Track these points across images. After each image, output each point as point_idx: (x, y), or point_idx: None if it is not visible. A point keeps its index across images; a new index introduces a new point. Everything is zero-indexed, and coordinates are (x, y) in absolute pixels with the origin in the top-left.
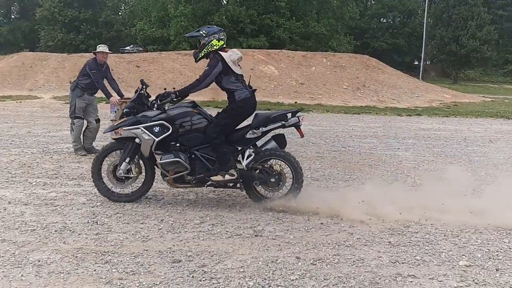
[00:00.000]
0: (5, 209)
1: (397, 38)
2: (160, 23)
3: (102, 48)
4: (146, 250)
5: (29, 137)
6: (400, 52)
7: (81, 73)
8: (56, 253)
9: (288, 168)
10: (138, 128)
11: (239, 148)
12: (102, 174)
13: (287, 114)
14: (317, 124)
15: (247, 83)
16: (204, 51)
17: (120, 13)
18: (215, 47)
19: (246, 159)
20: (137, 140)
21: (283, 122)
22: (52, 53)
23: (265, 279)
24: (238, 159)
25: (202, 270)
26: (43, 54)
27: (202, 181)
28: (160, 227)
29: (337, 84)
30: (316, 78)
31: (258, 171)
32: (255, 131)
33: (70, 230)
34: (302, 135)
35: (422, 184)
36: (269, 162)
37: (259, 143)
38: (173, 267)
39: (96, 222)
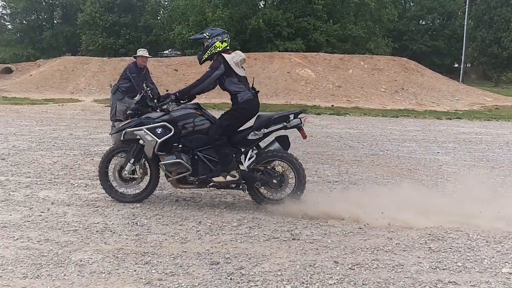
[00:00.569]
0: (49, 210)
1: (437, 40)
2: (198, 27)
3: (141, 52)
4: (185, 251)
5: (71, 139)
6: (440, 55)
7: (122, 77)
8: (98, 253)
9: (291, 170)
10: (141, 129)
11: (243, 150)
12: (109, 175)
13: (290, 116)
14: (354, 127)
15: (250, 85)
16: (208, 53)
17: (159, 18)
18: (218, 49)
19: (248, 160)
20: (141, 142)
21: (285, 124)
22: (93, 57)
23: (303, 283)
24: (240, 160)
25: (240, 273)
26: (84, 58)
27: (205, 182)
28: (198, 229)
29: (375, 87)
30: (353, 81)
31: (260, 172)
32: (256, 132)
33: (111, 231)
34: (304, 137)
35: (462, 189)
36: (271, 164)
37: (262, 144)
38: (211, 269)
39: (136, 223)
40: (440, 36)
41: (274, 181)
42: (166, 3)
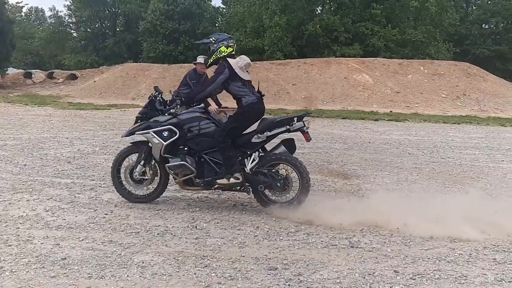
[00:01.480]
0: (112, 212)
1: (500, 44)
2: (255, 34)
3: (200, 59)
4: (243, 256)
5: None
6: (504, 59)
7: (182, 83)
8: (159, 255)
9: (295, 173)
10: (149, 132)
11: (248, 152)
12: (121, 176)
13: (293, 119)
14: (414, 134)
15: (256, 89)
16: (213, 58)
17: (217, 25)
18: (223, 54)
19: (251, 163)
20: (150, 144)
21: (288, 127)
22: (154, 64)
23: None
24: (244, 162)
25: (298, 279)
26: (145, 64)
27: (210, 184)
28: (256, 234)
29: (435, 92)
30: (413, 87)
31: (263, 175)
32: (260, 135)
33: (171, 234)
34: (307, 140)
35: None
36: (276, 167)
37: (269, 147)
38: (269, 274)
39: (196, 227)
40: (504, 40)
41: (278, 184)
42: (224, 10)
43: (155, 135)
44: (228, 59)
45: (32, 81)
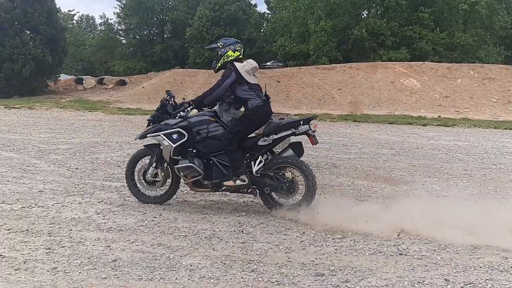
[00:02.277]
0: (160, 215)
1: None
2: (300, 39)
3: None
4: (290, 261)
5: None
6: None
7: None
8: (206, 259)
9: (301, 176)
10: (159, 135)
11: (256, 155)
12: (135, 178)
13: (300, 122)
14: (463, 139)
15: (263, 92)
16: (221, 62)
17: (262, 30)
18: (230, 58)
19: (257, 165)
20: (161, 146)
21: (294, 130)
22: (200, 69)
23: None
24: (251, 165)
25: (346, 286)
26: (192, 70)
27: (218, 185)
28: (302, 240)
29: (486, 97)
30: (462, 91)
31: (269, 178)
32: (266, 138)
33: (218, 238)
34: (313, 143)
35: None
36: (282, 170)
37: (276, 150)
38: (316, 280)
39: (242, 231)
40: None
41: (283, 186)
42: (269, 15)
43: (165, 137)
44: (235, 63)
45: (83, 87)
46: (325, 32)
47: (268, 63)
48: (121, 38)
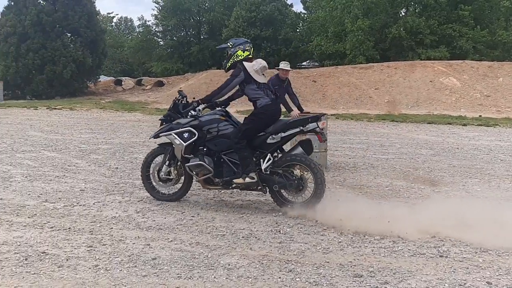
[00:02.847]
0: (198, 214)
1: None
2: (336, 38)
3: (283, 65)
4: (327, 262)
5: None
6: None
7: None
8: (244, 258)
9: (310, 174)
10: (171, 134)
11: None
12: (150, 176)
13: (308, 120)
14: (506, 139)
15: (272, 91)
16: (231, 61)
17: (298, 30)
18: (240, 57)
19: (266, 163)
20: (173, 145)
21: (302, 128)
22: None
23: None
24: (259, 163)
25: (385, 287)
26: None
27: (228, 183)
28: (340, 240)
29: None
30: (504, 90)
31: (278, 175)
32: (274, 136)
33: (256, 237)
34: (321, 140)
35: None
36: (291, 167)
37: (286, 148)
38: (354, 281)
39: (279, 231)
40: None
41: (292, 184)
42: (305, 15)
43: (176, 136)
44: (244, 62)
45: (122, 88)
46: (362, 31)
47: (304, 63)
48: (159, 39)
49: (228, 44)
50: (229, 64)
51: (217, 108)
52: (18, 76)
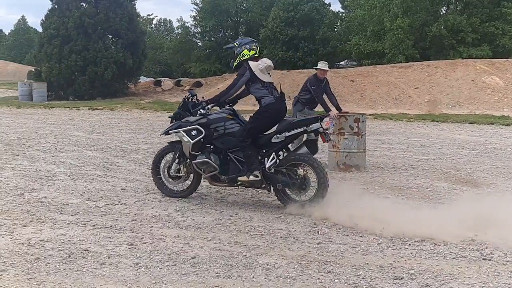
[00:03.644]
0: (236, 214)
1: None
2: (375, 37)
3: (321, 65)
4: (367, 263)
5: None
6: None
7: (303, 89)
8: (282, 258)
9: (313, 174)
10: (179, 131)
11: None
12: (160, 173)
13: (312, 120)
14: None
15: (278, 90)
16: (237, 60)
17: (335, 30)
18: (246, 57)
19: (270, 161)
20: (182, 142)
21: (305, 128)
22: (273, 70)
23: None
24: (264, 161)
25: None
26: None
27: (233, 180)
28: (379, 242)
29: None
30: None
31: (282, 174)
32: (278, 135)
33: (294, 238)
34: (324, 141)
35: None
36: (295, 167)
37: (292, 147)
38: (395, 283)
39: (317, 232)
40: None
41: (295, 183)
42: (343, 14)
43: (184, 134)
44: (249, 62)
45: (161, 89)
46: (402, 29)
47: (342, 63)
48: (197, 40)
49: (235, 43)
50: (236, 63)
51: (225, 107)
52: (61, 77)
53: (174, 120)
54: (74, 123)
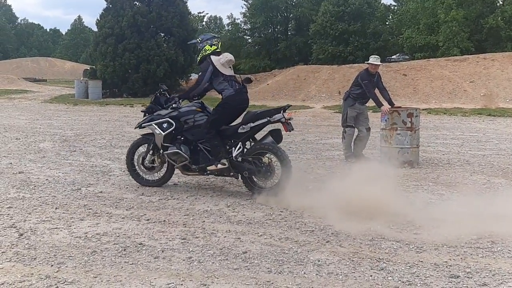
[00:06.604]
0: (287, 210)
1: None
2: (429, 30)
3: (373, 59)
4: (421, 261)
5: (304, 144)
6: None
7: (353, 84)
8: (334, 255)
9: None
10: (151, 124)
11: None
12: (135, 164)
13: (274, 111)
14: None
15: (240, 83)
16: (200, 55)
17: (387, 23)
18: (207, 52)
19: (236, 150)
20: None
21: (269, 118)
22: (323, 65)
23: None
24: (231, 151)
25: None
26: (315, 66)
27: (203, 169)
28: (433, 240)
29: None
30: None
31: (248, 162)
32: (244, 126)
33: (346, 234)
34: (286, 130)
35: None
36: (260, 155)
37: (258, 137)
38: (450, 282)
39: (369, 228)
40: None
41: (260, 170)
42: (395, 7)
43: (156, 126)
44: (211, 56)
45: None
46: (456, 21)
47: (394, 57)
48: (247, 37)
49: (198, 40)
50: (199, 58)
51: (194, 100)
52: (115, 75)
53: (147, 114)
54: (128, 120)
